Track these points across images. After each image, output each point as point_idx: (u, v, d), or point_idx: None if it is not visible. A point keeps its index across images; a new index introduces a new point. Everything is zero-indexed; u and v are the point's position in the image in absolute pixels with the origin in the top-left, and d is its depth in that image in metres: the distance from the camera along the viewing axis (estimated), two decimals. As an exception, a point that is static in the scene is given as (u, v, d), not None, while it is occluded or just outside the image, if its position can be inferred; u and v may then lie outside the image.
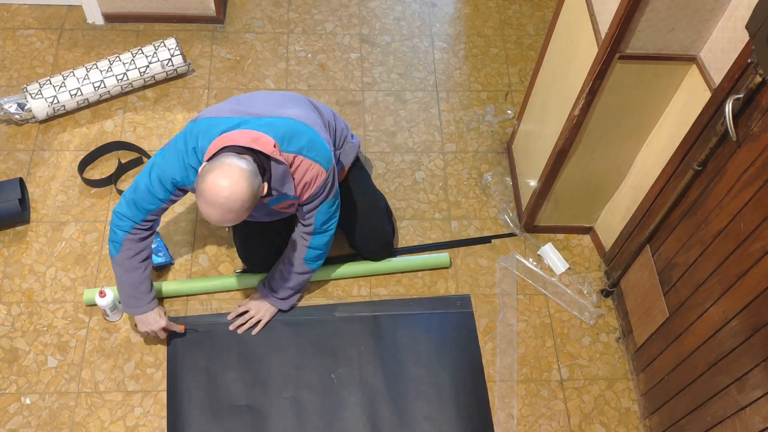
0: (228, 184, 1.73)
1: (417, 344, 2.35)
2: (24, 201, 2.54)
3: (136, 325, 2.23)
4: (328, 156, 2.02)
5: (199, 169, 1.82)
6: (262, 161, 1.85)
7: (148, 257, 2.13)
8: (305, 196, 2.02)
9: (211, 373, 2.25)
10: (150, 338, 2.32)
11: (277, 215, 2.17)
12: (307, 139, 1.97)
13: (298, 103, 2.12)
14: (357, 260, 2.50)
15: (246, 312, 2.35)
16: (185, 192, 2.04)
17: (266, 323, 2.34)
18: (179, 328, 2.27)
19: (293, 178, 1.96)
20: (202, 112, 2.06)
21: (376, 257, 2.48)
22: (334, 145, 2.21)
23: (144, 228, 2.06)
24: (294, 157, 1.94)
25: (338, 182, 2.14)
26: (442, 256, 2.53)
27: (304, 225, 2.15)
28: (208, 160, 1.83)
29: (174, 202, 2.05)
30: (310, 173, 1.98)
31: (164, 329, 2.22)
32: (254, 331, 2.33)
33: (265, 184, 1.85)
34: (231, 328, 2.33)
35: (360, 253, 2.47)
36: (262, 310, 2.34)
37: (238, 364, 2.27)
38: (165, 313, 2.24)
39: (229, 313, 2.37)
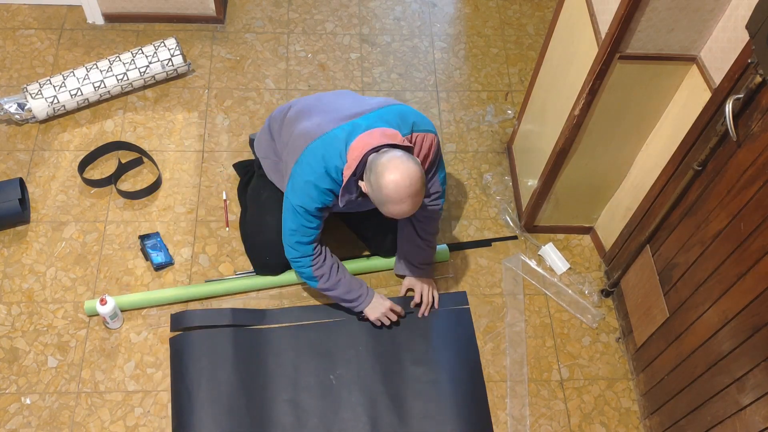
0: (401, 175, 1.79)
1: (415, 343, 2.36)
2: (24, 201, 2.54)
3: (365, 319, 2.32)
4: (428, 119, 2.10)
5: (363, 185, 1.89)
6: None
7: (336, 263, 2.20)
8: (427, 164, 2.08)
9: (211, 376, 2.25)
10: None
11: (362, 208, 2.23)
12: (411, 116, 2.04)
13: (359, 95, 2.22)
14: (356, 257, 2.50)
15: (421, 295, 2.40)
16: (330, 207, 2.07)
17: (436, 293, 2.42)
18: (400, 311, 2.34)
19: (417, 155, 2.03)
20: (298, 133, 2.05)
21: (390, 254, 2.49)
22: None
23: (318, 254, 2.13)
24: (413, 137, 2.02)
25: None
26: (441, 249, 2.53)
27: (431, 193, 2.21)
28: (354, 172, 1.90)
29: (325, 219, 2.10)
30: (426, 144, 2.06)
31: (392, 309, 2.30)
32: (437, 305, 2.41)
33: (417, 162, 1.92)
34: (419, 315, 2.39)
35: (374, 249, 2.48)
36: (427, 286, 2.39)
37: (238, 367, 2.27)
38: (383, 295, 2.32)
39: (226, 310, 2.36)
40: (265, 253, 2.37)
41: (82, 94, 2.75)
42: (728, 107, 1.68)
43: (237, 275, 2.47)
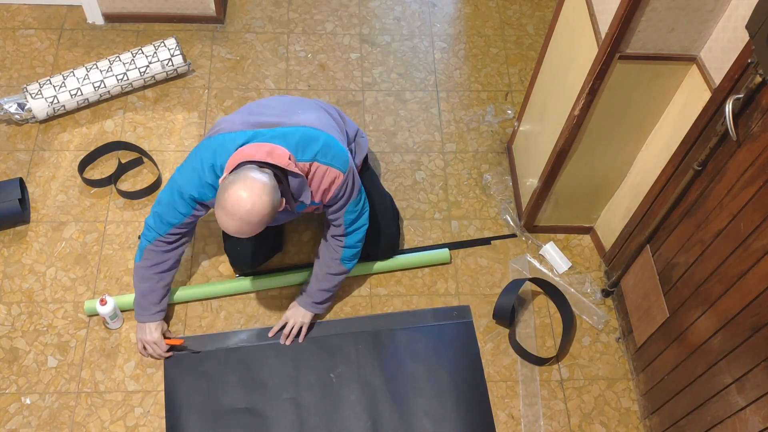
0: (250, 198, 1.75)
1: (415, 342, 2.36)
2: (24, 201, 2.54)
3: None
4: (345, 157, 2.02)
5: (220, 181, 1.84)
6: (278, 172, 1.88)
7: (167, 270, 2.15)
8: (326, 199, 2.04)
9: (210, 376, 2.25)
10: (144, 352, 2.32)
11: (298, 214, 2.19)
12: (321, 143, 1.97)
13: (309, 108, 2.13)
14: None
15: (285, 324, 2.34)
16: (207, 208, 2.06)
17: (307, 329, 2.34)
18: (177, 342, 2.26)
19: (310, 186, 1.98)
20: (217, 125, 2.07)
21: (381, 257, 2.48)
22: (347, 141, 2.23)
23: (167, 241, 2.09)
24: (310, 165, 1.96)
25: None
26: (442, 252, 2.53)
27: (334, 227, 2.16)
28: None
29: (197, 217, 2.07)
30: (327, 178, 1.99)
31: (156, 344, 2.23)
32: (301, 338, 2.32)
33: (283, 200, 1.88)
34: (281, 341, 2.32)
35: (366, 252, 2.47)
36: (299, 317, 2.32)
37: (237, 367, 2.27)
38: (165, 331, 2.26)
39: (225, 333, 2.35)
40: (237, 243, 2.37)
41: (82, 94, 2.75)
42: (728, 107, 1.68)
43: (238, 277, 2.47)
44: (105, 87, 2.78)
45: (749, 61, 1.62)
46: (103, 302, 2.24)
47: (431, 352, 2.34)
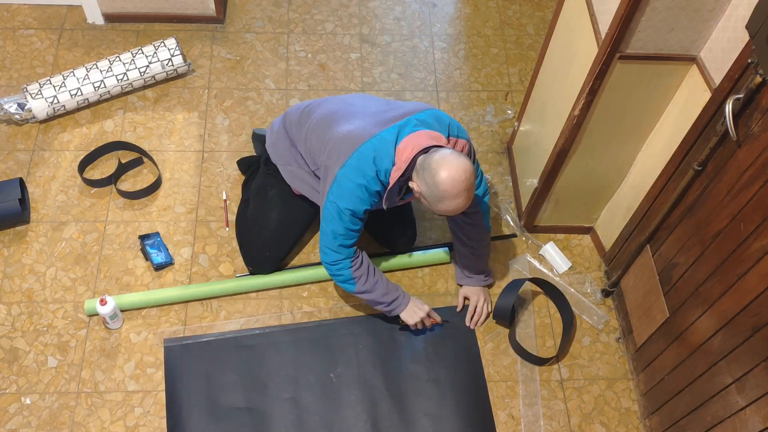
0: (455, 170, 1.85)
1: (415, 341, 2.36)
2: (24, 201, 2.54)
3: (403, 323, 2.31)
4: (462, 127, 2.13)
5: (414, 185, 1.93)
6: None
7: (372, 265, 2.18)
8: None
9: (210, 376, 2.25)
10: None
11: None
12: (446, 120, 2.07)
13: (384, 99, 2.26)
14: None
15: (475, 307, 2.41)
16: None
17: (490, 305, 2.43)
18: (439, 319, 2.34)
19: None
20: (341, 137, 2.04)
21: (401, 251, 2.53)
22: None
23: (357, 256, 2.13)
24: (450, 141, 2.05)
25: None
26: (441, 252, 2.54)
27: (470, 213, 2.24)
28: (404, 174, 1.94)
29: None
30: (458, 147, 2.07)
31: (429, 313, 2.30)
32: (486, 312, 2.41)
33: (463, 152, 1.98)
34: (471, 325, 2.40)
35: (386, 246, 2.50)
36: (483, 293, 2.42)
37: (237, 367, 2.27)
38: (420, 300, 2.32)
39: (224, 334, 2.35)
40: (266, 249, 2.38)
41: (82, 94, 2.75)
42: (728, 107, 1.68)
43: (238, 277, 2.47)
44: (105, 87, 2.78)
45: (749, 61, 1.62)
46: (103, 302, 2.24)
47: (431, 352, 2.34)
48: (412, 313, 2.27)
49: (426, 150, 1.92)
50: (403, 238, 2.51)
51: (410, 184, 1.97)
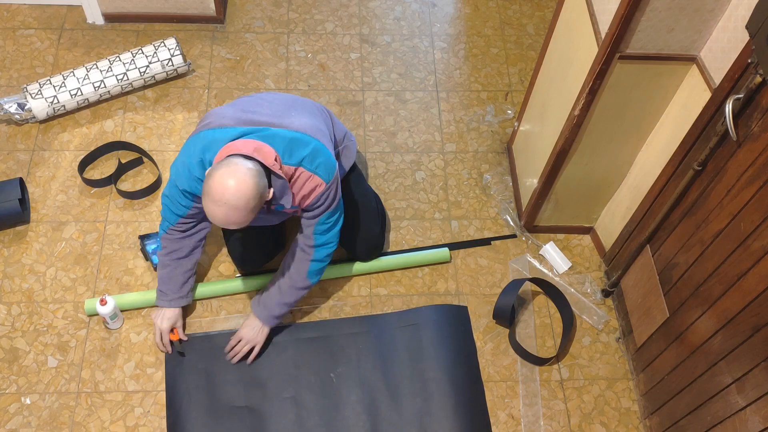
0: (234, 181, 1.75)
1: (415, 341, 2.36)
2: (24, 201, 2.54)
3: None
4: (332, 167, 2.01)
5: (207, 172, 1.84)
6: (264, 170, 1.87)
7: (184, 256, 2.17)
8: (304, 205, 2.03)
9: (210, 374, 2.25)
10: (152, 340, 2.32)
11: (283, 216, 2.18)
12: (310, 149, 1.96)
13: (303, 110, 2.11)
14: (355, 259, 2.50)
15: (240, 341, 2.27)
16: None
17: (260, 348, 2.27)
18: (181, 336, 2.26)
19: (292, 190, 1.97)
20: (207, 117, 2.05)
21: (364, 258, 2.48)
22: (334, 145, 2.21)
23: (179, 230, 2.11)
24: (295, 170, 1.95)
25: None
26: (442, 251, 2.53)
27: (305, 237, 2.14)
28: None
29: (200, 209, 2.06)
30: (309, 185, 1.98)
31: (162, 332, 2.24)
32: (249, 360, 2.26)
33: (271, 189, 1.87)
34: (230, 358, 2.26)
35: (349, 253, 2.47)
36: (255, 334, 2.25)
37: (237, 365, 2.27)
38: (180, 323, 2.27)
39: (226, 331, 2.34)
40: (242, 244, 2.37)
41: (82, 94, 2.75)
42: (728, 107, 1.68)
43: (238, 277, 2.47)
44: (105, 87, 2.78)
45: (749, 61, 1.62)
46: (103, 302, 2.24)
47: (431, 352, 2.34)
48: (161, 317, 2.23)
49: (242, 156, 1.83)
50: (353, 252, 2.44)
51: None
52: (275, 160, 1.87)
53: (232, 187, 1.74)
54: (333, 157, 2.03)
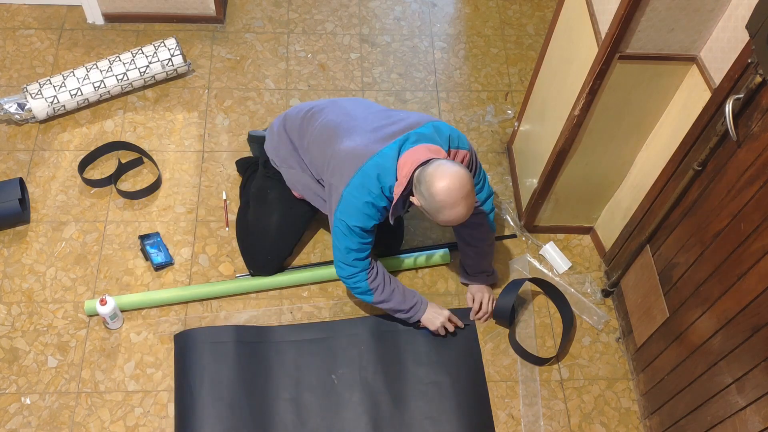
0: (450, 179, 1.85)
1: (417, 344, 2.36)
2: (24, 201, 2.54)
3: (426, 328, 2.33)
4: (465, 137, 2.13)
5: (414, 199, 1.95)
6: None
7: (387, 274, 2.21)
8: None
9: (214, 373, 2.25)
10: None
11: None
12: (446, 132, 2.07)
13: (391, 108, 2.29)
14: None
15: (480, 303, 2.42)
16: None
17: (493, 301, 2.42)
18: (460, 323, 2.36)
19: None
20: (343, 161, 2.05)
21: (395, 250, 2.54)
22: None
23: (372, 267, 2.16)
24: (450, 152, 2.06)
25: None
26: (441, 252, 2.54)
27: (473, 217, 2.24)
28: (406, 188, 1.95)
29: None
30: (458, 158, 2.09)
31: (449, 318, 2.31)
32: (491, 307, 2.41)
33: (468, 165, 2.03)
34: (481, 320, 2.42)
35: (380, 245, 2.48)
36: (486, 292, 2.41)
37: (240, 365, 2.27)
38: (439, 305, 2.32)
39: (230, 326, 2.36)
40: (267, 252, 2.38)
41: (82, 94, 2.75)
42: (728, 107, 1.68)
43: (238, 277, 2.47)
44: (105, 87, 2.78)
45: (749, 61, 1.62)
46: (103, 302, 2.24)
47: (433, 355, 2.34)
48: (432, 319, 2.28)
49: (424, 164, 1.92)
50: (393, 240, 2.53)
51: (411, 198, 1.98)
52: (443, 152, 1.98)
53: (457, 183, 1.84)
54: (453, 126, 2.15)
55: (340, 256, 2.11)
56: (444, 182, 1.84)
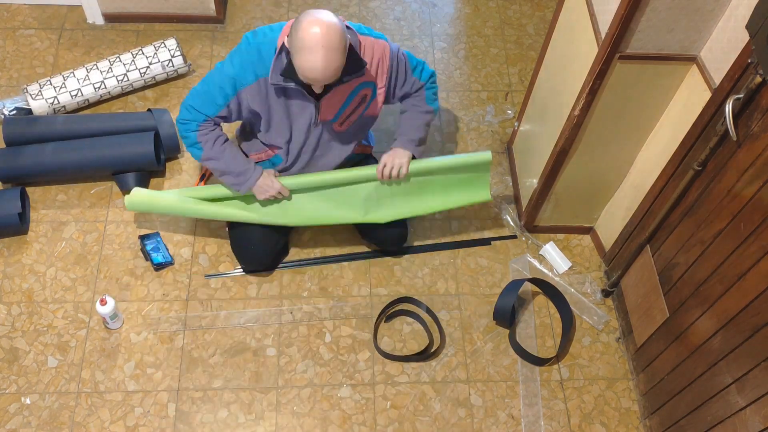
0: (318, 23, 1.80)
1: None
2: (24, 213, 2.50)
3: (255, 195, 2.26)
4: (384, 36, 2.10)
5: (288, 28, 1.91)
6: None
7: (223, 137, 2.17)
8: (384, 74, 2.09)
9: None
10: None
11: (347, 151, 2.29)
12: (365, 27, 2.07)
13: None
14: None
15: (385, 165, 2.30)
16: (238, 107, 2.08)
17: (407, 168, 2.28)
18: (287, 193, 2.28)
19: (363, 58, 2.02)
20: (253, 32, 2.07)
21: (395, 247, 2.53)
22: None
23: (209, 125, 2.12)
24: (360, 38, 2.02)
25: None
26: (484, 155, 2.32)
27: (413, 94, 2.26)
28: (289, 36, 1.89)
29: (230, 112, 2.10)
30: (378, 49, 2.06)
31: (280, 190, 2.25)
32: (402, 173, 2.27)
33: (348, 38, 1.90)
34: (379, 176, 2.29)
35: (378, 245, 2.51)
36: (398, 157, 2.27)
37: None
38: (275, 173, 2.27)
39: None
40: (251, 244, 2.38)
41: (82, 94, 2.75)
42: (728, 107, 1.68)
43: (237, 269, 2.47)
44: (105, 88, 2.78)
45: (749, 61, 1.62)
46: (103, 302, 2.24)
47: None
48: (262, 190, 2.23)
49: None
50: (391, 236, 2.47)
51: (284, 39, 1.93)
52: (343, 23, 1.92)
53: (323, 26, 1.79)
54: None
55: (187, 98, 2.12)
56: (311, 24, 1.80)
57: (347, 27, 1.97)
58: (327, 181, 2.29)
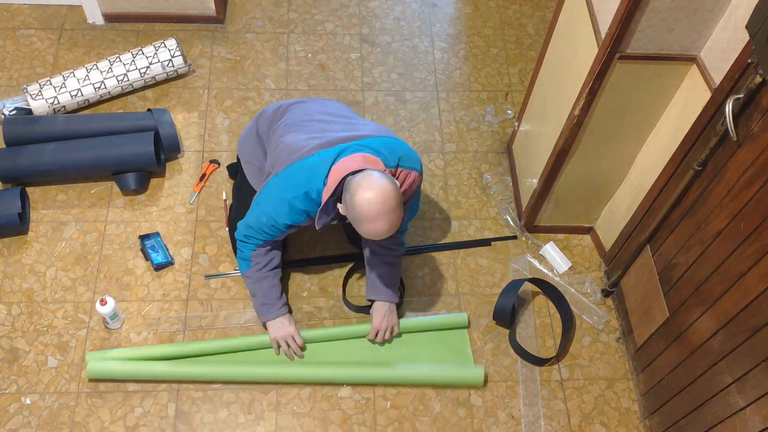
0: (374, 192, 1.77)
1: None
2: (24, 213, 2.51)
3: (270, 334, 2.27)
4: (418, 159, 2.08)
5: (340, 207, 1.88)
6: None
7: (277, 266, 2.19)
8: (405, 198, 2.06)
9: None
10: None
11: None
12: (399, 150, 2.01)
13: (354, 115, 2.22)
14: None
15: (377, 332, 2.32)
16: (300, 227, 2.09)
17: (398, 326, 2.34)
18: (300, 342, 2.28)
19: None
20: (281, 153, 2.03)
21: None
22: None
23: (267, 247, 2.13)
24: (397, 171, 1.99)
25: None
26: (459, 316, 2.41)
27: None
28: (333, 194, 1.88)
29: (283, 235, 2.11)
30: (408, 180, 2.03)
31: (293, 336, 2.26)
32: (395, 331, 2.34)
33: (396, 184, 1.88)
34: (376, 339, 2.33)
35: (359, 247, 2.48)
36: (386, 317, 2.30)
37: None
38: (296, 323, 2.29)
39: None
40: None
41: (82, 95, 2.75)
42: (728, 107, 1.68)
43: (236, 270, 2.47)
44: (105, 88, 2.78)
45: (749, 61, 1.62)
46: (103, 302, 2.24)
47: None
48: (276, 328, 2.25)
49: (357, 172, 1.85)
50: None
51: (338, 206, 1.92)
52: (382, 165, 1.91)
53: (380, 197, 1.76)
54: (411, 148, 2.09)
55: (242, 226, 2.12)
56: (367, 194, 1.77)
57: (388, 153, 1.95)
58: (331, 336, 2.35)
